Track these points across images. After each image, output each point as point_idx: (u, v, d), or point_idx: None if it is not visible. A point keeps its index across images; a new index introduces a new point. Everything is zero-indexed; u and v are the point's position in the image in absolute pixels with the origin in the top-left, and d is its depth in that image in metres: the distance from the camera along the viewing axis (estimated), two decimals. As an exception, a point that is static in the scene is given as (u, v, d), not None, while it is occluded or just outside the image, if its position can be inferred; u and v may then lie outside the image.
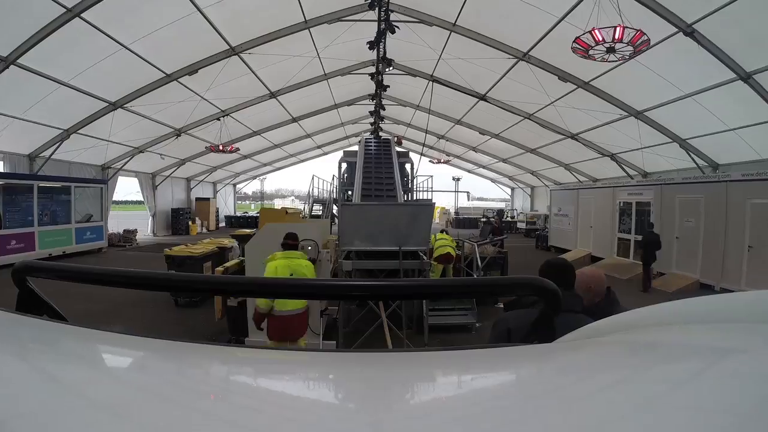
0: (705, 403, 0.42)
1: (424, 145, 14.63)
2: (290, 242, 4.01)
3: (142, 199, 19.13)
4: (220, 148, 14.69)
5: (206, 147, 15.11)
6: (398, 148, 13.32)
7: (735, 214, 8.60)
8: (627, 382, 0.50)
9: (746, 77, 8.08)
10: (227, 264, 6.41)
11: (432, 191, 14.85)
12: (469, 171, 29.92)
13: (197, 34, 9.58)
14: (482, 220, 25.65)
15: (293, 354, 0.67)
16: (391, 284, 0.79)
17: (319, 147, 24.48)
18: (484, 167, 26.09)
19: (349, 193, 11.29)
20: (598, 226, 13.15)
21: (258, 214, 30.49)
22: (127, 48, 9.08)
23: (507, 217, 27.41)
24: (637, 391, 0.46)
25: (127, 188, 24.34)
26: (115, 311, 6.57)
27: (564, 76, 10.76)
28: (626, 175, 14.45)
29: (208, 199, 23.69)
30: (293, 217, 5.53)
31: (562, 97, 11.76)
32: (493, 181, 29.89)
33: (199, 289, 0.74)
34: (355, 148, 13.28)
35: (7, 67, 8.24)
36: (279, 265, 3.73)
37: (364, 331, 4.98)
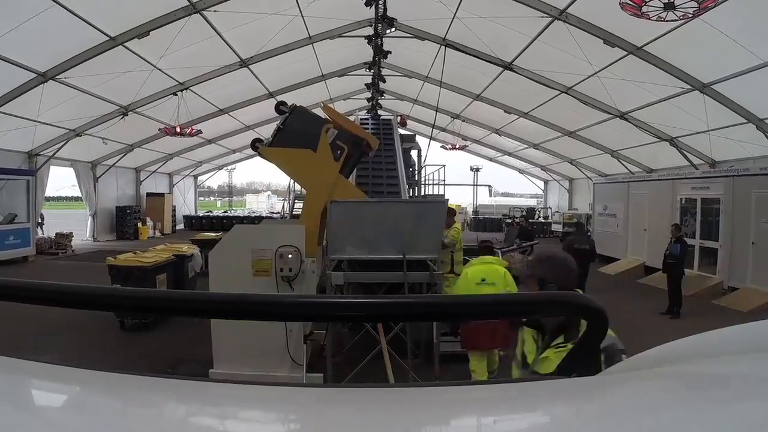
0: None
1: (434, 126, 14.62)
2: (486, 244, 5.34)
3: (80, 195, 19.14)
4: (178, 130, 14.67)
5: (160, 129, 15.11)
6: (402, 130, 13.32)
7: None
8: (698, 425, 0.50)
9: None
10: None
11: (444, 185, 14.91)
12: (491, 159, 29.94)
13: (149, -14, 9.57)
14: (506, 221, 25.68)
15: (270, 390, 0.67)
16: (392, 302, 0.79)
17: (302, 129, 24.52)
18: (509, 155, 26.13)
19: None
20: (654, 229, 13.15)
21: (224, 214, 30.41)
22: (60, 4, 9.08)
23: (539, 216, 27.48)
24: None
25: (60, 181, 24.35)
26: (44, 335, 6.57)
27: (611, 40, 10.76)
28: (689, 165, 14.46)
29: (162, 194, 23.71)
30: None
31: (609, 66, 11.76)
32: (521, 172, 29.93)
33: (150, 308, 0.74)
34: (348, 130, 13.27)
35: None
36: (471, 272, 4.81)
37: (359, 360, 4.98)
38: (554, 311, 0.79)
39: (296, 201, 13.69)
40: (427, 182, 14.09)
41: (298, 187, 13.88)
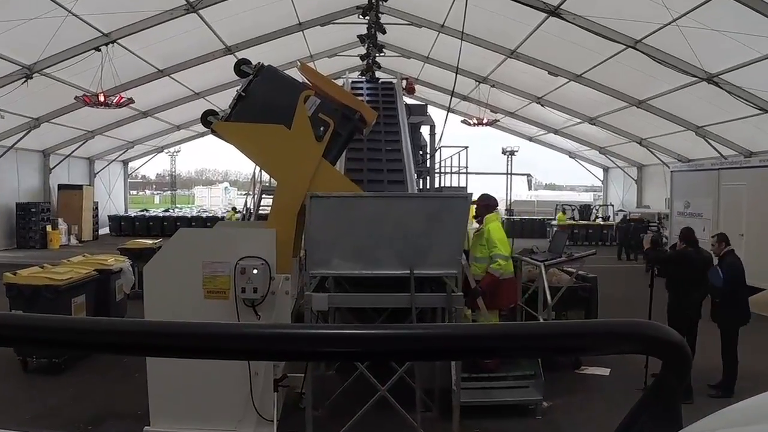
0: None
1: (452, 93, 14.60)
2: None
3: (-33, 188, 19.10)
4: (101, 99, 14.64)
5: (77, 97, 15.09)
6: (408, 99, 13.31)
7: None
8: None
9: None
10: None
11: (467, 173, 14.87)
12: (529, 139, 29.96)
13: None
14: (551, 224, 25.64)
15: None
16: (395, 334, 0.79)
17: (272, 97, 24.54)
18: (555, 132, 26.16)
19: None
20: (755, 234, 13.13)
21: (165, 213, 30.34)
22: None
23: (596, 216, 27.50)
24: None
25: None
26: None
27: (694, -25, 10.75)
28: (802, 146, 14.47)
29: (80, 186, 23.72)
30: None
31: (692, 11, 11.74)
32: (571, 155, 29.95)
33: (64, 342, 0.74)
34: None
35: None
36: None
37: (350, 414, 4.98)
38: (616, 345, 0.79)
39: (264, 195, 13.68)
40: (442, 170, 14.08)
41: (266, 176, 13.87)
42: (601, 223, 26.36)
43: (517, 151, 33.95)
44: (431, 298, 5.32)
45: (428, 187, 11.80)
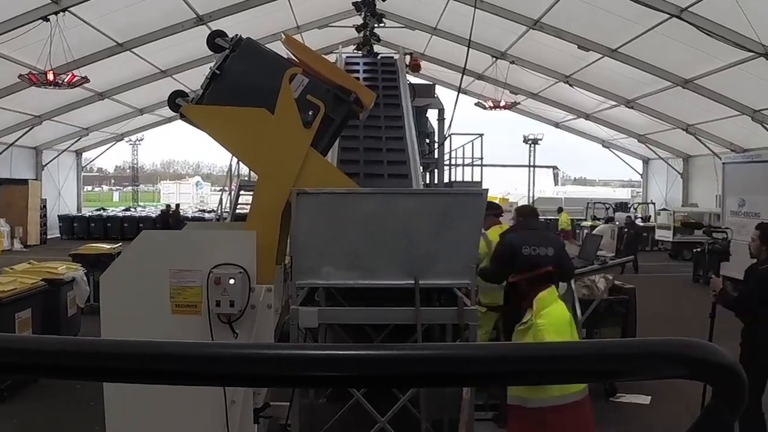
0: None
1: (464, 72, 14.61)
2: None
3: None
4: (51, 77, 14.64)
5: (21, 76, 15.10)
6: (412, 77, 13.32)
7: None
8: None
9: None
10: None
11: (481, 166, 14.87)
12: (556, 125, 29.98)
13: None
14: (582, 224, 25.64)
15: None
16: (397, 355, 0.79)
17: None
18: (587, 117, 26.15)
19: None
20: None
21: (125, 213, 30.46)
22: None
23: (635, 216, 27.46)
24: None
25: None
26: None
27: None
28: None
29: (25, 181, 23.73)
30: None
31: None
32: (605, 145, 29.94)
33: (7, 366, 0.74)
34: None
35: None
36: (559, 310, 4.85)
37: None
38: (657, 369, 0.79)
39: (242, 192, 13.69)
40: (452, 162, 14.09)
41: (245, 169, 13.88)
42: (641, 224, 26.34)
43: (541, 140, 34.00)
44: (440, 313, 5.31)
45: (436, 181, 11.82)
